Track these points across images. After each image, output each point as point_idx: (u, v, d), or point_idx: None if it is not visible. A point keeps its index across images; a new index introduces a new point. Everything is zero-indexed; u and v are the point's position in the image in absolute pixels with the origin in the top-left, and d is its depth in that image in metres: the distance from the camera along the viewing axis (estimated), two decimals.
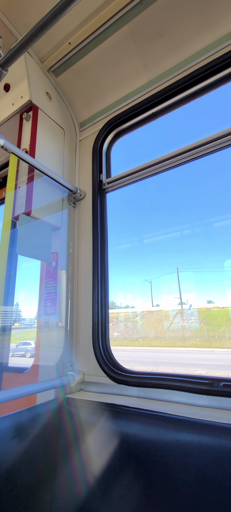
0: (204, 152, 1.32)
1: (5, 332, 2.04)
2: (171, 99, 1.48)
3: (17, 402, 1.44)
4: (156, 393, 1.19)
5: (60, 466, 1.13)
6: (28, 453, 1.06)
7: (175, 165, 1.42)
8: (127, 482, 0.95)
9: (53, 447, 1.17)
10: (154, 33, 1.38)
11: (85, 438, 1.14)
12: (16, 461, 1.01)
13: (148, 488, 0.91)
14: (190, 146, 1.35)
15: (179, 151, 1.38)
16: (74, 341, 1.53)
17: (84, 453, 1.11)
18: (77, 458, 1.12)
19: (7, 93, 1.61)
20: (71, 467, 1.11)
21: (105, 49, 1.49)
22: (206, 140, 1.30)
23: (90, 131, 1.78)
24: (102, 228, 1.61)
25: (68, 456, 1.14)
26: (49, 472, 1.10)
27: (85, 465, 1.08)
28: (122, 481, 0.96)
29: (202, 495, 0.81)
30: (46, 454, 1.13)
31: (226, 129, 1.24)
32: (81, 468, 1.09)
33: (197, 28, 1.33)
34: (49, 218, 1.52)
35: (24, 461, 1.03)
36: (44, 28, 0.96)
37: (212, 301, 24.40)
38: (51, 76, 1.70)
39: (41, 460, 1.10)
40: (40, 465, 1.08)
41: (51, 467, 1.12)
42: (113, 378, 1.33)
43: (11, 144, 1.27)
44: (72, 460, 1.12)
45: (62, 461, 1.14)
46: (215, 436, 0.88)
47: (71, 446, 1.16)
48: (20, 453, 1.03)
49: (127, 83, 1.58)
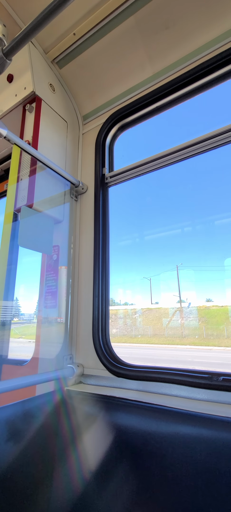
0: (208, 147, 1.31)
1: (5, 326, 2.05)
2: (176, 92, 1.47)
3: (16, 393, 1.45)
4: (155, 386, 1.20)
5: (59, 457, 1.14)
6: (26, 443, 1.06)
7: (178, 159, 1.42)
8: (125, 473, 0.96)
9: (52, 438, 1.18)
10: (160, 25, 1.37)
11: (84, 430, 1.15)
12: (15, 450, 1.01)
13: (146, 479, 0.92)
14: (193, 140, 1.34)
15: (182, 145, 1.37)
16: (74, 334, 1.54)
17: (83, 445, 1.12)
18: (75, 449, 1.13)
19: (10, 84, 1.60)
20: (70, 458, 1.12)
21: (110, 41, 1.48)
22: (210, 135, 1.29)
23: (93, 124, 1.77)
24: (104, 222, 1.61)
25: (67, 447, 1.15)
26: (48, 462, 1.11)
27: (84, 456, 1.09)
28: (121, 472, 0.97)
29: (200, 487, 0.82)
30: (45, 445, 1.14)
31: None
32: (80, 459, 1.10)
33: (204, 21, 1.31)
34: (51, 211, 1.51)
35: (23, 450, 1.04)
36: (48, 18, 0.95)
37: (211, 300, 24.48)
38: (55, 67, 1.68)
39: (40, 450, 1.11)
40: (39, 455, 1.09)
41: (49, 457, 1.13)
42: (112, 372, 1.34)
43: (14, 135, 1.26)
44: (70, 451, 1.13)
45: (61, 452, 1.15)
46: (214, 429, 0.89)
47: (70, 437, 1.17)
48: (19, 443, 1.04)
49: (132, 76, 1.57)
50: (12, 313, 2.09)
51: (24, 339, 17.12)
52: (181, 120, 74.39)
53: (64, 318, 1.52)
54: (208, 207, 38.91)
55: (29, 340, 16.81)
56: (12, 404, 1.12)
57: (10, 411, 1.09)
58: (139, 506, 0.90)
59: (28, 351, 1.84)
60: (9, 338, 2.09)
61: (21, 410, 1.12)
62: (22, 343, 15.97)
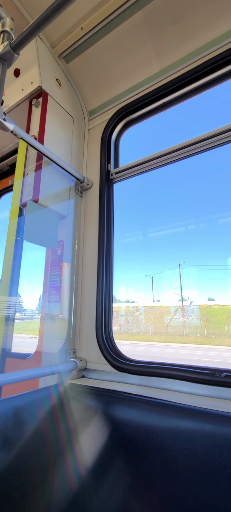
0: (215, 144, 1.31)
1: (9, 321, 2.07)
2: (184, 88, 1.46)
3: (20, 386, 1.47)
4: (157, 381, 1.21)
5: (61, 448, 1.16)
6: (29, 434, 1.08)
7: (183, 156, 1.41)
8: (127, 466, 0.98)
9: (54, 429, 1.19)
10: (168, 20, 1.36)
11: (86, 422, 1.16)
12: (18, 440, 1.03)
13: (148, 472, 0.93)
14: (199, 137, 1.33)
15: (188, 142, 1.37)
16: (78, 329, 1.55)
17: (85, 437, 1.14)
18: (78, 441, 1.14)
19: (17, 78, 1.60)
20: (72, 450, 1.13)
21: (118, 36, 1.47)
22: (216, 131, 1.28)
23: (99, 120, 1.77)
24: (108, 219, 1.61)
25: (69, 439, 1.16)
26: (50, 453, 1.13)
27: (86, 448, 1.11)
28: (122, 465, 0.99)
29: (201, 480, 0.83)
30: (47, 436, 1.15)
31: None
32: (82, 451, 1.11)
33: (213, 16, 1.30)
34: (56, 207, 1.52)
35: (25, 441, 1.05)
36: (56, 12, 0.95)
37: (213, 299, 24.37)
38: (62, 62, 1.68)
39: (42, 441, 1.12)
40: (41, 446, 1.11)
41: (52, 448, 1.14)
42: (115, 366, 1.35)
43: (21, 130, 1.26)
44: (73, 443, 1.15)
45: (63, 443, 1.17)
46: (215, 424, 0.90)
47: (72, 429, 1.18)
48: (21, 433, 1.05)
49: (139, 72, 1.56)
50: (15, 308, 2.11)
51: (26, 334, 17.25)
52: (187, 116, 73.17)
53: (65, 314, 1.53)
54: (213, 205, 38.54)
55: (31, 336, 16.93)
56: (16, 396, 1.14)
57: (14, 403, 1.11)
58: (140, 498, 0.91)
59: (30, 346, 1.86)
60: (13, 333, 2.11)
61: (24, 402, 1.14)
62: (24, 338, 16.09)
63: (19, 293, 9.12)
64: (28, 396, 1.18)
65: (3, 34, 1.17)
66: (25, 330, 17.97)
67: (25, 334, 17.28)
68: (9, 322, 2.08)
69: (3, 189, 2.44)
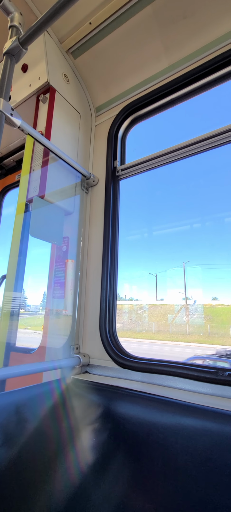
0: (222, 141, 1.29)
1: (13, 316, 2.10)
2: (193, 84, 1.44)
3: (24, 379, 1.49)
4: (160, 379, 1.21)
5: (63, 441, 1.17)
6: (32, 427, 1.09)
7: (190, 154, 1.40)
8: (129, 461, 0.98)
9: (57, 423, 1.21)
10: (177, 14, 1.33)
11: (88, 417, 1.17)
12: (21, 432, 1.05)
13: (149, 467, 0.93)
14: (206, 135, 1.31)
15: (195, 139, 1.35)
16: (81, 325, 1.56)
17: (87, 432, 1.15)
18: (80, 435, 1.15)
19: (25, 74, 1.60)
20: (74, 444, 1.15)
21: (126, 30, 1.45)
22: (224, 128, 1.26)
23: (106, 116, 1.76)
24: (114, 215, 1.61)
25: (71, 433, 1.18)
26: (52, 446, 1.14)
27: (88, 443, 1.12)
28: (124, 460, 0.99)
29: (202, 477, 0.83)
30: (50, 429, 1.17)
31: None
32: (84, 446, 1.12)
33: (223, 10, 1.27)
34: (62, 203, 1.53)
35: (28, 433, 1.07)
36: (65, 7, 0.94)
37: (217, 298, 24.21)
38: (70, 57, 1.67)
39: (44, 433, 1.14)
40: (43, 439, 1.12)
41: (54, 441, 1.16)
42: (118, 363, 1.35)
43: (28, 125, 1.27)
44: (75, 438, 1.16)
45: (65, 437, 1.18)
46: (218, 422, 0.90)
47: (75, 424, 1.19)
48: (24, 426, 1.07)
49: (147, 67, 1.54)
50: (20, 303, 2.14)
51: (30, 330, 17.38)
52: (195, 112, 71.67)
53: (69, 311, 1.54)
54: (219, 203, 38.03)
55: (35, 331, 17.06)
56: (20, 389, 1.16)
57: (18, 396, 1.12)
58: (141, 493, 0.91)
59: (34, 341, 1.88)
60: (17, 328, 2.14)
61: (28, 395, 1.15)
62: (27, 334, 16.23)
63: (24, 289, 9.14)
64: (32, 389, 1.19)
65: (11, 29, 1.17)
66: (29, 326, 18.10)
67: (29, 329, 17.42)
68: (14, 317, 2.10)
69: (9, 185, 2.46)
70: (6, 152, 2.24)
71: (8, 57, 1.14)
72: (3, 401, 1.10)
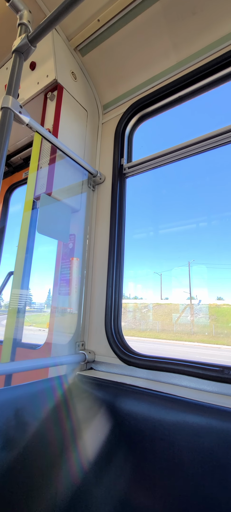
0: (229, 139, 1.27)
1: (20, 313, 2.12)
2: (201, 81, 1.42)
3: (29, 375, 1.51)
4: (165, 376, 1.21)
5: (68, 437, 1.18)
6: (37, 421, 1.11)
7: (197, 152, 1.38)
8: (133, 457, 0.99)
9: (62, 418, 1.22)
10: (186, 10, 1.32)
11: (94, 413, 1.18)
12: (27, 427, 1.06)
13: (154, 464, 0.94)
14: (214, 132, 1.30)
15: (202, 137, 1.34)
16: (87, 322, 1.57)
17: (92, 427, 1.16)
18: (85, 431, 1.16)
19: (33, 71, 1.61)
20: (79, 440, 1.16)
21: (135, 27, 1.44)
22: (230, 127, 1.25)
23: (113, 114, 1.75)
24: (120, 213, 1.61)
25: (76, 429, 1.19)
26: (57, 441, 1.16)
27: (93, 439, 1.13)
28: (129, 456, 1.00)
29: (206, 475, 0.83)
30: (55, 423, 1.18)
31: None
32: (89, 442, 1.13)
33: None
34: (68, 200, 1.53)
35: (34, 427, 1.08)
36: (73, 4, 0.94)
37: (222, 298, 23.94)
38: (78, 55, 1.67)
39: (50, 428, 1.15)
40: (49, 432, 1.14)
41: (59, 436, 1.17)
42: (123, 360, 1.36)
43: (36, 123, 1.28)
44: (80, 433, 1.17)
45: (70, 432, 1.19)
46: (223, 421, 0.89)
47: (80, 419, 1.21)
48: (30, 420, 1.08)
49: (155, 64, 1.53)
50: (26, 301, 2.16)
51: (35, 327, 17.61)
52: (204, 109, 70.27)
53: (74, 308, 1.55)
54: (226, 202, 37.41)
55: (39, 328, 17.28)
56: (26, 384, 1.17)
57: (24, 390, 1.14)
58: (146, 489, 0.92)
59: (39, 338, 1.90)
60: (23, 324, 2.17)
61: (33, 390, 1.17)
62: (32, 331, 16.44)
63: (29, 287, 9.25)
64: (37, 385, 1.21)
65: (20, 26, 1.18)
66: (34, 323, 18.33)
67: (34, 326, 17.65)
68: (20, 314, 2.13)
69: (17, 183, 2.49)
70: (14, 149, 2.26)
71: (17, 55, 1.15)
72: (10, 395, 1.11)
